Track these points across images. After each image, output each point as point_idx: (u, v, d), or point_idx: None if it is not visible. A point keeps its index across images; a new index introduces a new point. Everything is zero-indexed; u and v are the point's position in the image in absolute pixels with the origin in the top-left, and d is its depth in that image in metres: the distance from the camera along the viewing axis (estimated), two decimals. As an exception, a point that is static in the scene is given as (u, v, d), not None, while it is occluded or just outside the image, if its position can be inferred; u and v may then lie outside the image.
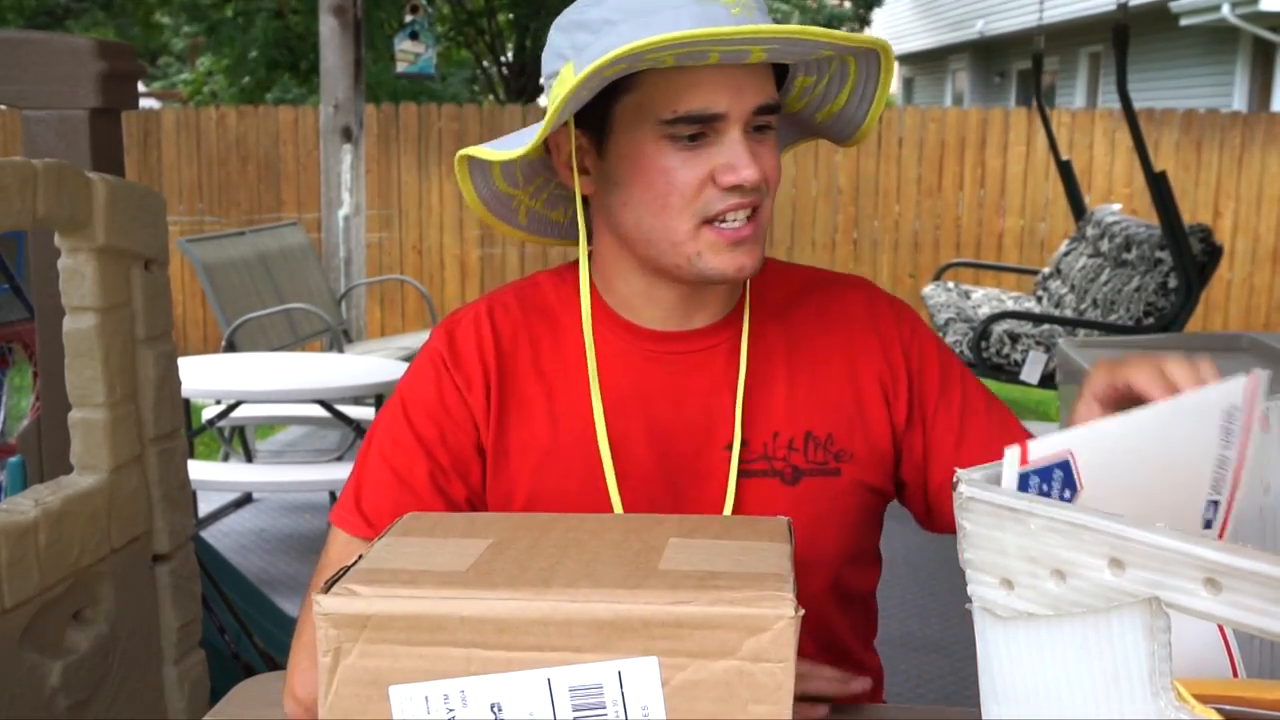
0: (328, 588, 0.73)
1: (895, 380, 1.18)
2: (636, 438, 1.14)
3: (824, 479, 1.15)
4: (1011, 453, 0.85)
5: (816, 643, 1.18)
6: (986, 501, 0.72)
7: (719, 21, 1.01)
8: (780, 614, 0.70)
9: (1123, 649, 0.65)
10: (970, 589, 0.73)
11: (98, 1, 12.76)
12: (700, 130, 1.06)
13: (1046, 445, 0.87)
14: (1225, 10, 9.82)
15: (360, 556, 0.78)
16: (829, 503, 1.16)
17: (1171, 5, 10.48)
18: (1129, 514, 0.74)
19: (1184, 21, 10.61)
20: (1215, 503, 0.89)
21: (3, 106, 5.64)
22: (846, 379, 1.18)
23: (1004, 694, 0.72)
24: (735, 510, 1.14)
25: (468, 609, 0.71)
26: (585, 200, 1.16)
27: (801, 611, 0.70)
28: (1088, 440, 0.88)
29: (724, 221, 1.07)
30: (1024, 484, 0.87)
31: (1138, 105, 4.89)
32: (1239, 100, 10.76)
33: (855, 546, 1.21)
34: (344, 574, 0.75)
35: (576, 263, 1.18)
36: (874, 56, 1.11)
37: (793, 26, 1.00)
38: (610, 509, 1.12)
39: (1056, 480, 0.88)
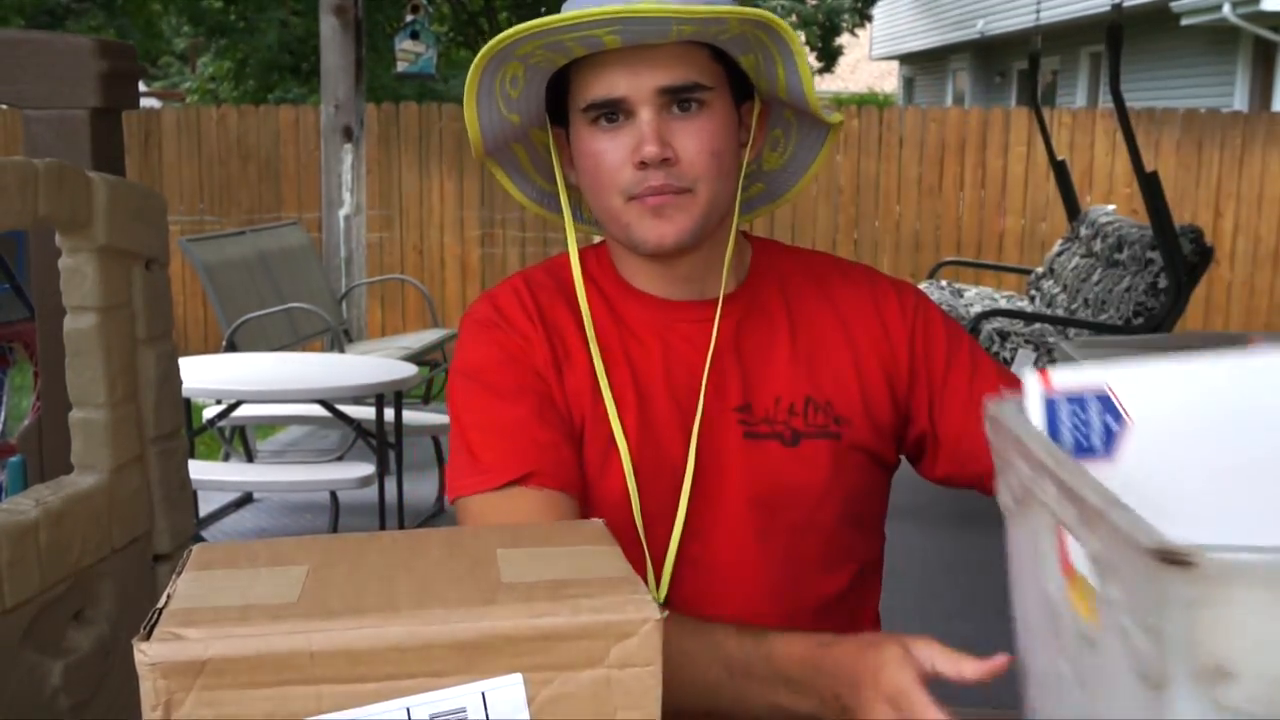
0: (147, 633, 0.66)
1: (897, 365, 1.24)
2: (657, 394, 1.20)
3: (823, 441, 1.20)
4: (1032, 379, 0.87)
5: (809, 607, 1.22)
6: (1004, 421, 0.80)
7: (613, 2, 1.05)
8: (646, 616, 0.69)
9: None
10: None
11: (98, 1, 12.75)
12: (613, 113, 1.13)
13: (1075, 375, 0.87)
14: (1226, 10, 9.81)
15: (167, 597, 0.70)
16: (828, 464, 1.20)
17: (1172, 5, 10.48)
18: (1199, 466, 0.83)
19: (1185, 21, 10.61)
20: None
21: (3, 106, 5.64)
22: (849, 357, 1.23)
23: (1015, 580, 0.81)
24: (731, 469, 1.19)
25: (317, 642, 0.66)
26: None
27: (666, 613, 0.69)
28: (1128, 378, 0.86)
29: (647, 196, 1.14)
30: (1052, 410, 0.87)
31: (1139, 105, 4.89)
32: (1240, 100, 10.76)
33: (853, 510, 1.24)
34: (156, 617, 0.67)
35: (603, 243, 1.28)
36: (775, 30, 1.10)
37: (644, 5, 1.04)
38: (622, 464, 1.17)
39: (1093, 409, 0.87)
